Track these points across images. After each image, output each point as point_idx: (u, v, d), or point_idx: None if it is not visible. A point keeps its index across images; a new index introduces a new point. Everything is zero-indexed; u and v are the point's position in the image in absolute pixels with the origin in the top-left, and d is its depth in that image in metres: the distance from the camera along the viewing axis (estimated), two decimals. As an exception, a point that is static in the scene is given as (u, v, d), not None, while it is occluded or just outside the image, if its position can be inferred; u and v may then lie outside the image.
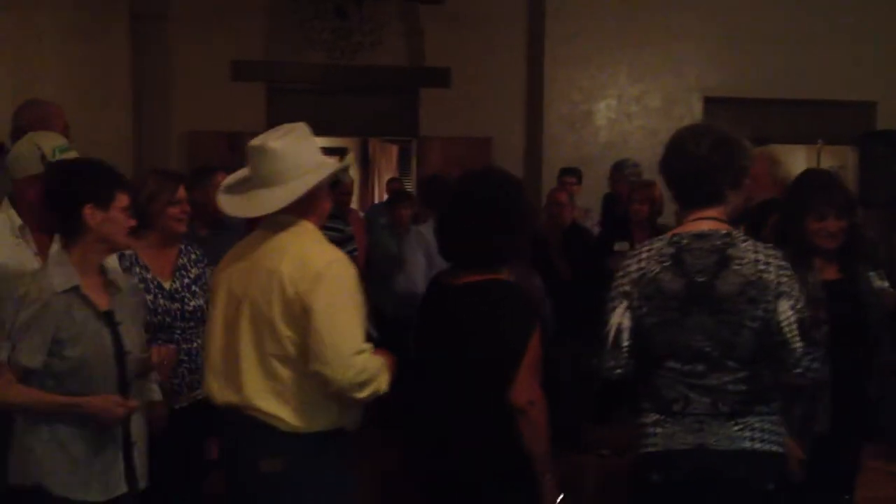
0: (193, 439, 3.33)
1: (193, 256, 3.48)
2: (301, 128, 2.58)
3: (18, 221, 2.89)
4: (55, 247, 2.65)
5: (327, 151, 2.51)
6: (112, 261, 2.91)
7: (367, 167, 11.48)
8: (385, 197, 8.24)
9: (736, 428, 2.40)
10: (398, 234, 6.17)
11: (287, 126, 2.58)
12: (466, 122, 8.13)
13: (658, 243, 2.50)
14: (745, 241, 2.46)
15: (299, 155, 2.52)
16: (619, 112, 8.38)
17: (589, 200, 6.99)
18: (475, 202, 2.66)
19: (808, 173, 3.75)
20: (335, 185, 5.59)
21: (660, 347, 2.45)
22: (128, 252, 3.21)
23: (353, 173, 11.14)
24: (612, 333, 2.49)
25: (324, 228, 5.61)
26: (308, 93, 8.29)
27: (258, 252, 2.54)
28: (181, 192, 3.37)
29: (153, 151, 7.39)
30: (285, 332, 2.44)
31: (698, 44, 8.30)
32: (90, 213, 2.54)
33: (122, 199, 2.61)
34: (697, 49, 8.32)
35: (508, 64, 8.32)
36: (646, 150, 7.15)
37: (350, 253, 5.64)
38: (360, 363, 2.41)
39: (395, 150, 11.22)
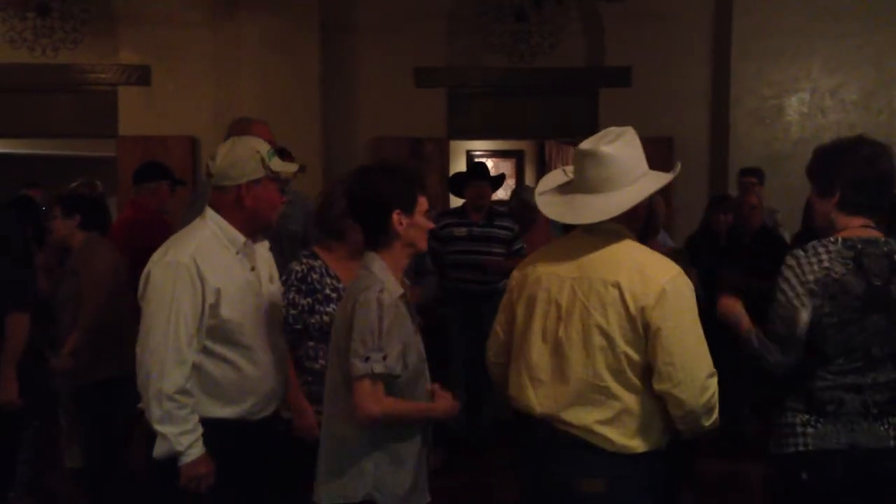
0: None
1: None
2: (629, 133, 2.48)
3: (241, 238, 2.80)
4: (370, 255, 2.55)
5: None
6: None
7: (543, 169, 11.46)
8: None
9: (882, 428, 2.55)
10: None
11: (615, 130, 2.48)
12: (647, 122, 7.90)
13: (833, 245, 2.58)
14: None
15: (628, 161, 2.43)
16: (813, 106, 7.93)
17: (779, 200, 6.68)
18: None
19: None
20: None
21: (834, 347, 2.54)
22: (316, 263, 3.29)
23: (531, 174, 11.17)
24: (799, 328, 2.54)
25: (493, 226, 5.71)
26: (487, 96, 8.38)
27: (585, 261, 2.44)
28: None
29: (340, 158, 7.70)
30: (624, 348, 2.34)
31: (900, 32, 7.75)
32: (397, 219, 2.50)
33: (423, 203, 2.57)
34: (899, 37, 7.76)
35: (691, 60, 8.10)
36: (842, 147, 6.74)
37: (518, 251, 5.69)
38: (713, 386, 2.31)
39: (571, 150, 11.10)
